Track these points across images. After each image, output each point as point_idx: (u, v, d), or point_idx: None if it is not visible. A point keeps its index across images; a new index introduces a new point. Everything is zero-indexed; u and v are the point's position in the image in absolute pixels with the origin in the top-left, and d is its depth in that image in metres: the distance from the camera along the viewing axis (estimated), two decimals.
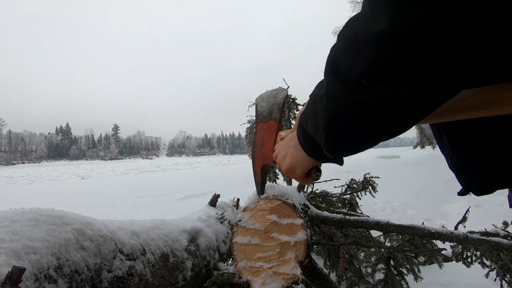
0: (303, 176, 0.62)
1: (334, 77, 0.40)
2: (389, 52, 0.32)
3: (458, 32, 0.29)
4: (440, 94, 0.34)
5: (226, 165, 29.93)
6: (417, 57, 0.31)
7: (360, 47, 0.35)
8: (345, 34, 0.38)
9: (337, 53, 0.39)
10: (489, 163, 0.47)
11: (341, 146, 0.46)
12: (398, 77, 0.33)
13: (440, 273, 2.06)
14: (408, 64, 0.32)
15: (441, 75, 0.32)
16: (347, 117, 0.40)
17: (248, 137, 3.04)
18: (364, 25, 0.35)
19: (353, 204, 2.62)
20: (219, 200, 1.62)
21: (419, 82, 0.33)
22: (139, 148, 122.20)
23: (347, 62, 0.37)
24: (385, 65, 0.33)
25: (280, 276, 0.90)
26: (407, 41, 0.31)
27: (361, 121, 0.39)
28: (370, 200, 4.02)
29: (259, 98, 0.91)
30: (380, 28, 0.32)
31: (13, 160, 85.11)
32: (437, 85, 0.33)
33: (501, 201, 4.73)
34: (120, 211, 6.79)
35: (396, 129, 0.40)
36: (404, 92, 0.34)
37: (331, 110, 0.42)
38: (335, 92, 0.40)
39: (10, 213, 0.67)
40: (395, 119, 0.38)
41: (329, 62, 0.41)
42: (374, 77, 0.34)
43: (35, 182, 18.32)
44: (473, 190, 0.53)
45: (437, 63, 0.31)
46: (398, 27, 0.31)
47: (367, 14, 0.35)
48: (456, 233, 1.41)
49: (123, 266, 0.79)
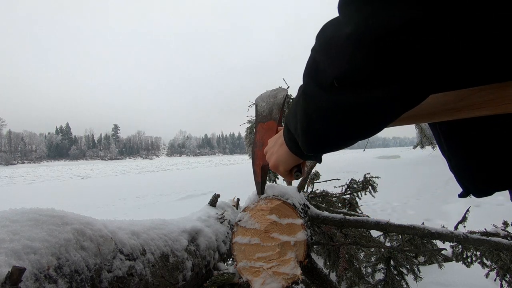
0: (287, 173, 0.66)
1: (311, 78, 0.41)
2: (356, 55, 0.33)
3: (421, 36, 0.29)
4: (406, 98, 0.35)
5: (226, 165, 29.93)
6: (382, 60, 0.32)
7: (332, 50, 0.36)
8: (320, 37, 0.40)
9: (315, 55, 0.41)
10: (486, 163, 0.48)
11: (317, 145, 0.48)
12: (365, 79, 0.34)
13: (440, 273, 2.06)
14: (374, 67, 0.33)
15: (404, 78, 0.33)
16: (322, 117, 0.42)
17: (248, 137, 3.04)
18: (335, 29, 0.37)
19: (353, 204, 2.62)
20: (219, 200, 1.62)
21: (384, 85, 0.34)
22: (139, 148, 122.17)
23: (323, 65, 0.38)
24: (353, 68, 0.34)
25: (280, 276, 0.90)
26: (372, 44, 0.31)
27: (335, 121, 0.41)
28: (370, 200, 4.02)
29: (259, 98, 0.91)
30: (347, 32, 0.33)
31: (13, 160, 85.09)
32: (402, 88, 0.34)
33: (501, 201, 4.73)
34: (120, 211, 6.78)
35: (370, 129, 0.41)
36: (377, 93, 0.35)
37: (307, 111, 0.44)
38: (311, 93, 0.42)
39: (10, 213, 0.67)
40: (366, 120, 0.39)
41: (308, 63, 0.42)
42: (345, 80, 0.35)
43: (35, 182, 18.31)
44: (472, 191, 0.53)
45: (400, 66, 0.32)
46: (363, 31, 0.32)
47: (339, 18, 0.36)
48: (456, 233, 1.41)
49: (123, 266, 0.79)
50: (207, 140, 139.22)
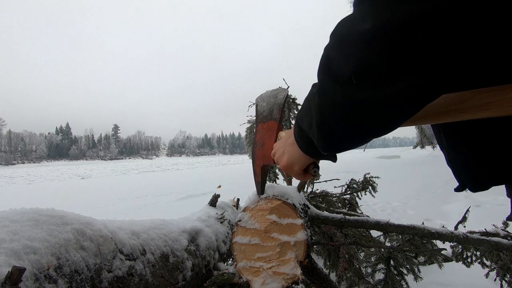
0: (301, 173, 0.64)
1: (326, 75, 0.41)
2: (374, 51, 0.33)
3: (439, 32, 0.29)
4: (423, 94, 0.35)
5: (226, 165, 29.92)
6: (400, 56, 0.32)
7: (348, 46, 0.36)
8: (335, 34, 0.40)
9: (329, 52, 0.40)
10: (485, 158, 0.47)
11: (333, 142, 0.47)
12: (383, 75, 0.34)
13: (440, 273, 2.06)
14: (391, 63, 0.32)
15: (423, 75, 0.32)
16: (339, 113, 0.41)
17: (248, 137, 3.03)
18: (351, 25, 0.36)
19: (353, 204, 2.62)
20: (219, 200, 1.62)
21: (402, 81, 0.33)
22: (139, 148, 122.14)
23: (338, 61, 0.38)
24: (371, 64, 0.34)
25: (280, 276, 0.90)
26: (390, 40, 0.31)
27: (351, 118, 0.40)
28: (370, 200, 4.02)
29: (260, 98, 0.91)
30: (364, 28, 0.33)
31: (13, 160, 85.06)
32: (420, 85, 0.33)
33: (501, 201, 4.73)
34: (120, 211, 6.78)
35: (384, 127, 0.41)
36: (389, 91, 0.35)
37: (323, 107, 0.44)
38: (328, 89, 0.42)
39: (10, 213, 0.66)
40: (382, 117, 0.39)
41: (322, 61, 0.42)
42: (362, 76, 0.35)
43: (35, 182, 18.31)
44: (469, 186, 0.53)
45: (419, 62, 0.32)
46: (381, 26, 0.32)
47: (355, 15, 0.36)
48: (456, 233, 1.41)
49: (123, 266, 0.79)
50: (207, 140, 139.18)
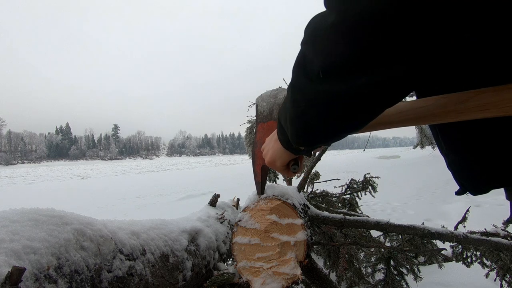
0: (283, 169, 0.65)
1: (299, 71, 0.42)
2: (338, 44, 0.33)
3: (400, 23, 0.29)
4: (387, 90, 0.35)
5: (226, 165, 29.92)
6: (364, 49, 0.32)
7: (317, 41, 0.37)
8: (307, 29, 0.40)
9: (302, 47, 0.41)
10: (483, 161, 0.47)
11: (304, 136, 0.47)
12: (347, 68, 0.34)
13: (440, 273, 2.06)
14: (354, 55, 0.33)
15: (385, 69, 0.32)
16: (308, 108, 0.42)
17: (248, 137, 3.03)
18: (320, 20, 0.37)
19: (353, 204, 2.62)
20: (219, 200, 1.61)
21: (365, 75, 0.33)
22: (139, 148, 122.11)
23: (310, 56, 0.39)
24: (336, 57, 0.34)
25: (280, 276, 0.90)
26: (352, 32, 0.32)
27: (321, 111, 0.41)
28: (370, 200, 4.01)
29: (260, 98, 0.91)
30: (330, 22, 0.34)
31: (13, 160, 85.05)
32: (383, 80, 0.33)
33: (501, 201, 4.73)
34: (120, 211, 6.78)
35: (353, 122, 0.40)
36: (353, 83, 0.35)
37: (295, 101, 0.44)
38: (299, 84, 0.42)
39: (10, 213, 0.66)
40: (350, 111, 0.38)
41: (298, 55, 0.42)
42: (329, 69, 0.36)
43: (35, 182, 18.31)
44: (469, 189, 0.53)
45: (380, 56, 0.32)
46: (343, 19, 0.32)
47: (324, 11, 0.37)
48: (456, 233, 1.41)
49: (123, 266, 0.79)
50: (207, 140, 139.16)
